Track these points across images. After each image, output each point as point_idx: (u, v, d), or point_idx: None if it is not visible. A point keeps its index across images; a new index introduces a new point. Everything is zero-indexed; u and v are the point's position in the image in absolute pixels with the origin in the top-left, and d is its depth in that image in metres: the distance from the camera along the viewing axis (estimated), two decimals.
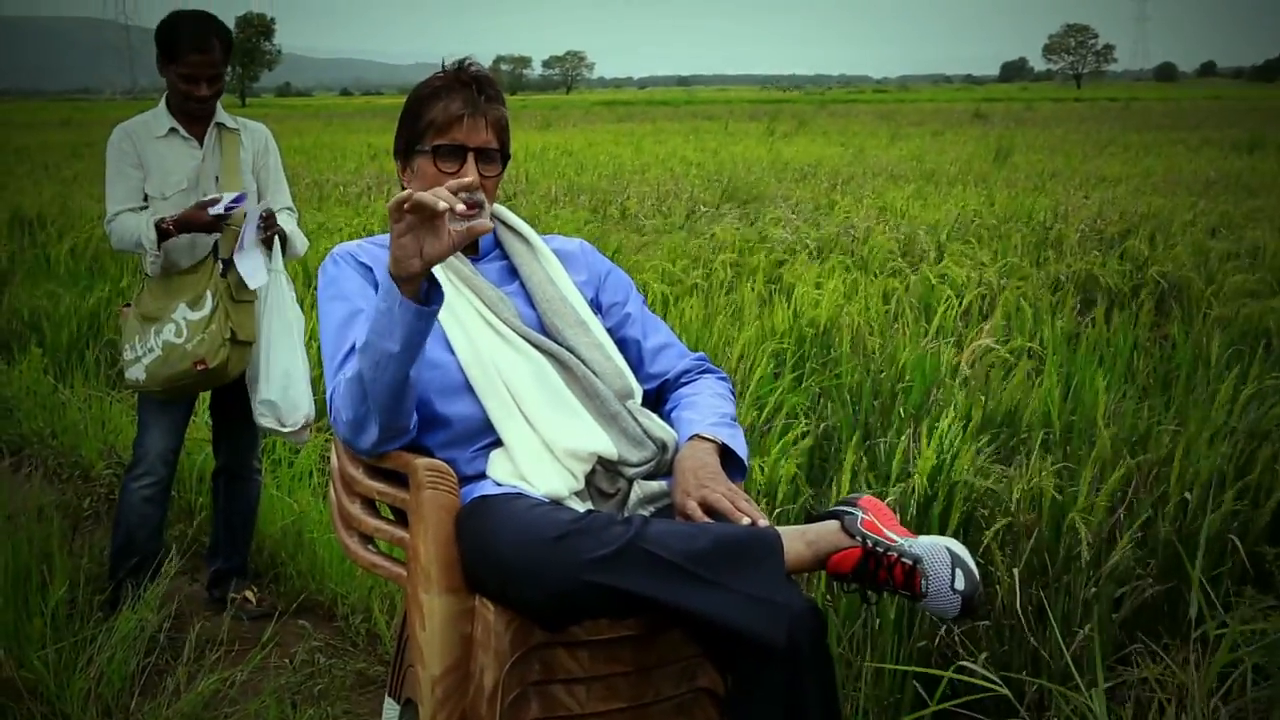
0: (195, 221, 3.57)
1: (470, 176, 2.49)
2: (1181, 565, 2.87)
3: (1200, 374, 5.02)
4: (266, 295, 3.64)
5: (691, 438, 2.43)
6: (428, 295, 2.18)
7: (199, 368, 3.56)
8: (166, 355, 3.58)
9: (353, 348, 2.36)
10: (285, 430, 3.65)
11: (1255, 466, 3.71)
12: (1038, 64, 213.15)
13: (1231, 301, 6.64)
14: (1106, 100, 61.84)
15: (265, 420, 3.64)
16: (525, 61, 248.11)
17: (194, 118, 3.71)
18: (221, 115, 3.76)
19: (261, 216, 3.60)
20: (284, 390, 3.61)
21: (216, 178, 3.72)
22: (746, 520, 2.21)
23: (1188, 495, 3.50)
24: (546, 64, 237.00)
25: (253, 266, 3.58)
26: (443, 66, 2.58)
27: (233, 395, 3.78)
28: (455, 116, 2.49)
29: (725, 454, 2.43)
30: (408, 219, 2.09)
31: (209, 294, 3.59)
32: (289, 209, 3.90)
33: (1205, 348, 5.40)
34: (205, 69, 3.61)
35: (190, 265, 3.65)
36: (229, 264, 3.64)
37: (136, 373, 3.64)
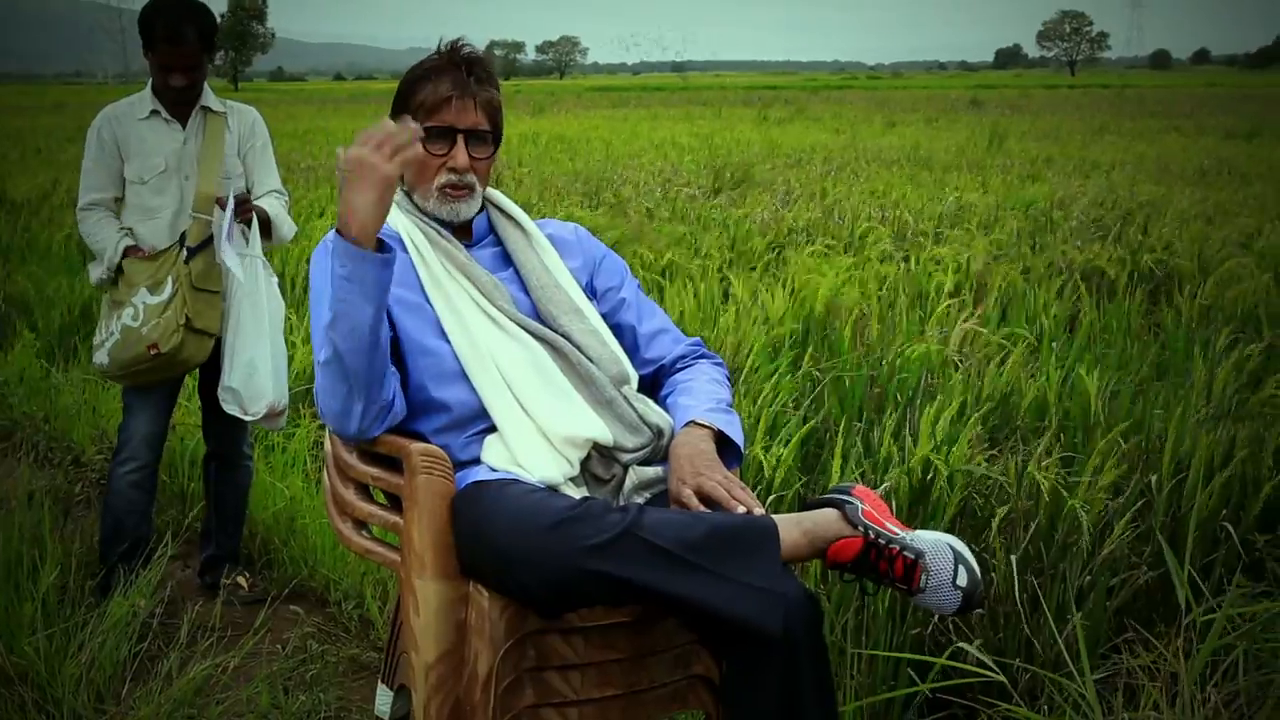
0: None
1: (462, 158, 2.50)
2: (1174, 553, 2.87)
3: (1195, 362, 5.03)
4: (239, 280, 3.61)
5: (687, 424, 2.43)
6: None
7: (151, 352, 3.54)
8: (124, 339, 3.57)
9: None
10: (248, 418, 3.64)
11: (1239, 452, 3.71)
12: (1032, 51, 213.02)
13: (1226, 289, 6.64)
14: (1100, 87, 61.79)
15: (228, 406, 3.63)
16: (519, 47, 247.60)
17: (176, 101, 3.69)
18: (208, 98, 3.73)
19: (236, 199, 3.60)
20: (247, 378, 3.59)
21: (199, 161, 3.70)
22: (742, 509, 2.21)
23: (1182, 481, 3.50)
24: (540, 49, 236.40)
25: (233, 260, 3.56)
26: (437, 49, 2.58)
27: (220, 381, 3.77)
28: (444, 98, 2.48)
29: (721, 440, 2.42)
30: (357, 174, 2.18)
31: (169, 280, 3.58)
32: (278, 191, 3.87)
33: (1200, 335, 5.40)
34: (179, 59, 3.57)
35: (157, 250, 3.64)
36: (194, 252, 3.62)
37: (101, 357, 3.64)
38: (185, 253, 3.60)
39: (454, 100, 2.49)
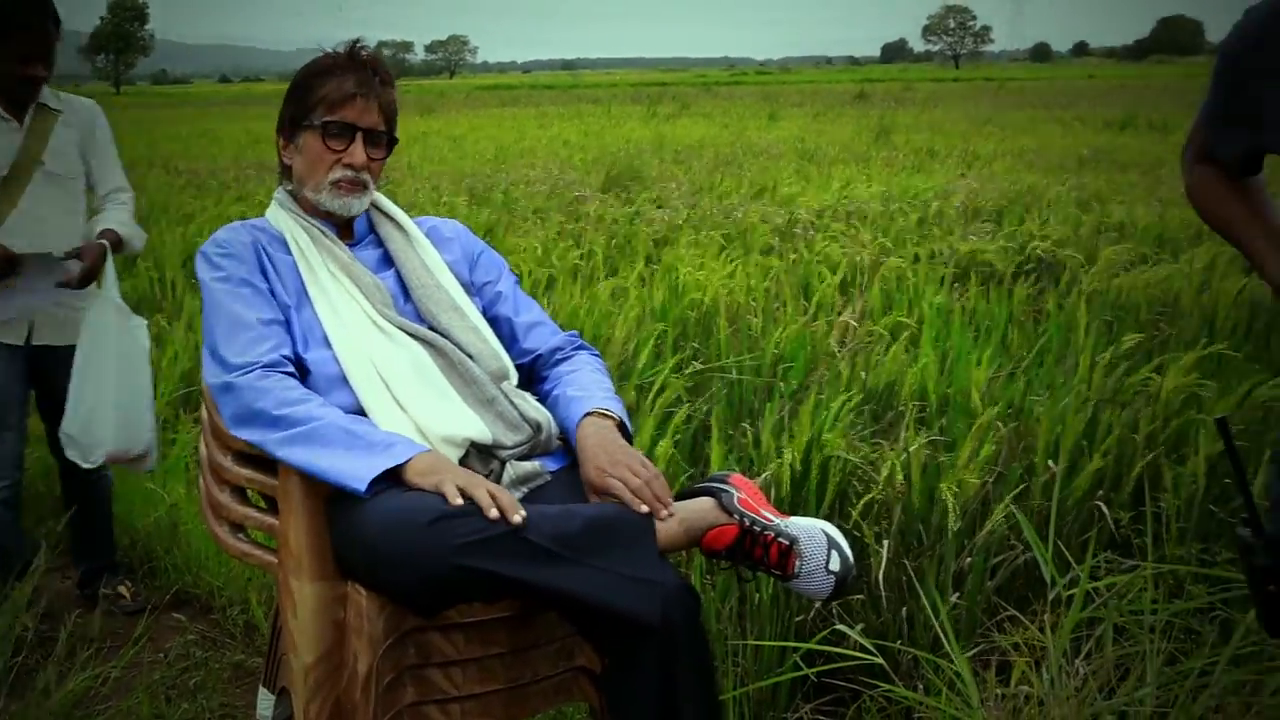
0: None
1: (359, 156, 2.49)
2: (1048, 532, 2.94)
3: (1071, 345, 5.14)
4: (88, 322, 3.47)
5: (590, 413, 2.44)
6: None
7: None
8: None
9: (254, 326, 2.36)
10: (87, 465, 3.46)
11: (1114, 433, 3.80)
12: (917, 45, 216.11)
13: (1103, 274, 6.79)
14: (984, 80, 62.83)
15: (69, 451, 3.47)
16: (408, 46, 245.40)
17: (16, 99, 3.58)
18: (45, 94, 3.63)
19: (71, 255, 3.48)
20: (85, 425, 3.42)
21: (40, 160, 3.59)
22: (666, 513, 2.22)
23: (1051, 465, 3.57)
24: (429, 49, 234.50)
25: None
26: (333, 49, 2.57)
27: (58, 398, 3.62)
28: (348, 95, 2.49)
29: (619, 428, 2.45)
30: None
31: None
32: (121, 189, 3.74)
33: (1079, 320, 5.52)
34: (35, 46, 3.46)
35: None
36: None
37: None
38: None
39: (358, 98, 2.50)
